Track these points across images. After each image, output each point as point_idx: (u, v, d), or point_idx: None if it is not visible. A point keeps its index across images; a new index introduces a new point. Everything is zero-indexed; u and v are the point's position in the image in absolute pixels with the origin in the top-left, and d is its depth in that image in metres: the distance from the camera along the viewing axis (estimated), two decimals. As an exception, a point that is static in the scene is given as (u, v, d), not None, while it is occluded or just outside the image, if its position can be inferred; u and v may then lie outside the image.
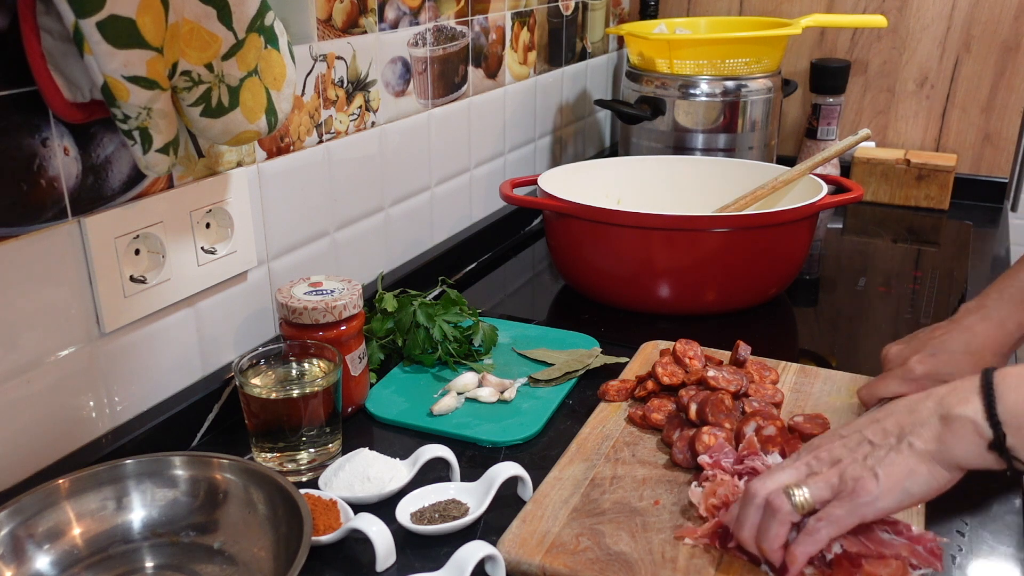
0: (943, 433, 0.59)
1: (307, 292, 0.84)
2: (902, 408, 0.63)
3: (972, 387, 0.60)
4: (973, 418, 0.59)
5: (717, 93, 1.43)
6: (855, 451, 0.62)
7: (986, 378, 0.59)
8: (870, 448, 0.61)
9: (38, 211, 0.67)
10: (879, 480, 0.59)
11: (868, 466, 0.60)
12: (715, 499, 0.69)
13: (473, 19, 1.23)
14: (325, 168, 0.98)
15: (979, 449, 0.59)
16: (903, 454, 0.60)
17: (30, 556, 0.62)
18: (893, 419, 0.62)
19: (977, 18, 1.55)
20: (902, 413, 0.62)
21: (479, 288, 1.24)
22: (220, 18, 0.67)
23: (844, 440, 0.63)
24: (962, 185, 1.59)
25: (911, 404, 0.63)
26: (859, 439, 0.62)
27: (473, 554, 0.63)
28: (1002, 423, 0.58)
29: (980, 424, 0.58)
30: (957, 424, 0.59)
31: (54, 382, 0.71)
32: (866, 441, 0.62)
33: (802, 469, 0.63)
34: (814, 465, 0.63)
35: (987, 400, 0.58)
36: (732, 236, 1.05)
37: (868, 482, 0.59)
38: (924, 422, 0.60)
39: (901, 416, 0.62)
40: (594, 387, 0.91)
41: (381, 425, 0.87)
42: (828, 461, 0.62)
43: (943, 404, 0.60)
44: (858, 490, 0.59)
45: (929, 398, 0.62)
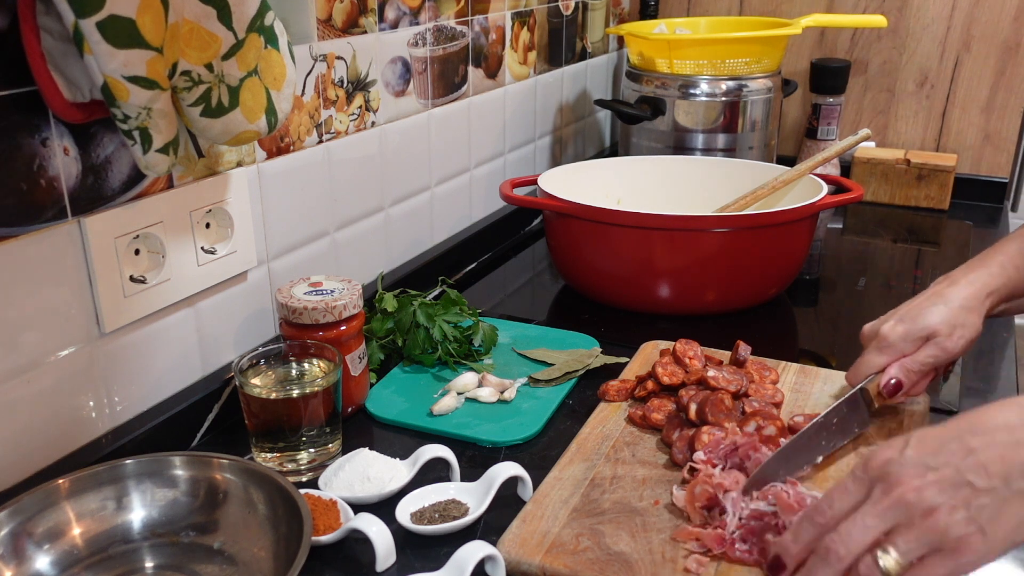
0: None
1: (307, 292, 0.84)
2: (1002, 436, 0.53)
3: None
4: None
5: (717, 93, 1.43)
6: (953, 497, 0.52)
7: None
8: (971, 493, 0.52)
9: (38, 211, 0.67)
10: (986, 536, 0.52)
11: (972, 520, 0.52)
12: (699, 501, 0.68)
13: (473, 19, 1.23)
14: (325, 168, 0.98)
15: None
16: (1012, 504, 0.51)
17: (30, 556, 0.62)
18: (995, 452, 0.53)
19: (977, 18, 1.55)
20: (1006, 445, 0.53)
21: (479, 288, 1.24)
22: (220, 18, 0.67)
23: (937, 477, 0.53)
24: (962, 185, 1.59)
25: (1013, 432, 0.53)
26: (956, 479, 0.53)
27: (473, 554, 0.63)
28: None
29: None
30: None
31: (54, 382, 0.71)
32: (966, 483, 0.52)
33: (887, 518, 0.54)
34: (902, 515, 0.53)
35: None
36: (732, 236, 1.05)
37: (974, 540, 0.52)
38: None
39: (1006, 450, 0.53)
40: (594, 387, 0.91)
41: (381, 425, 0.87)
42: (921, 509, 0.53)
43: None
44: (962, 549, 0.52)
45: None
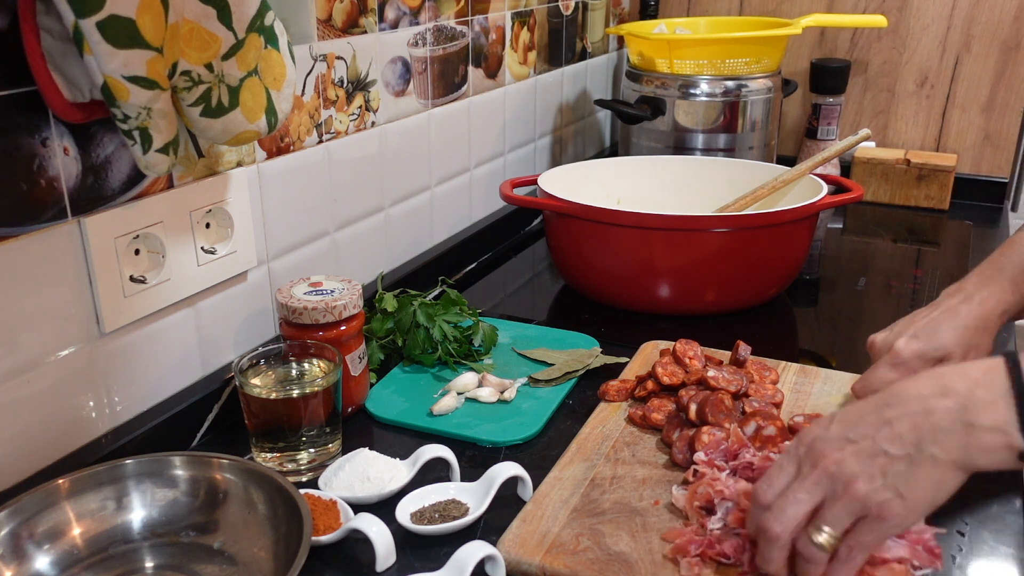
0: (968, 442, 0.54)
1: (307, 292, 0.84)
2: (914, 406, 0.56)
3: (999, 387, 0.54)
4: (1003, 428, 0.53)
5: (717, 93, 1.43)
6: (870, 466, 0.56)
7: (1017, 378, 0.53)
8: (887, 461, 0.55)
9: (38, 211, 0.67)
10: (904, 500, 0.55)
11: (890, 486, 0.55)
12: (699, 500, 0.69)
13: (473, 19, 1.23)
14: (325, 168, 0.98)
15: (1008, 457, 0.53)
16: (926, 467, 0.55)
17: (30, 556, 0.62)
18: (908, 421, 0.56)
19: (977, 18, 1.55)
20: (917, 414, 0.56)
21: (479, 288, 1.24)
22: (220, 18, 0.67)
23: (855, 449, 0.57)
24: (962, 185, 1.59)
25: (924, 401, 0.56)
26: (872, 449, 0.56)
27: (473, 554, 0.63)
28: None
29: (1011, 434, 0.53)
30: (983, 434, 0.53)
31: (54, 382, 0.71)
32: (881, 452, 0.56)
33: (815, 491, 0.57)
34: (827, 485, 0.57)
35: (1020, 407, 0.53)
36: (732, 236, 1.05)
37: (893, 505, 0.55)
38: (946, 429, 0.55)
39: (917, 418, 0.56)
40: (594, 387, 0.91)
41: (381, 425, 0.87)
42: (842, 480, 0.56)
43: (966, 408, 0.54)
44: (884, 515, 0.55)
45: (946, 396, 0.55)
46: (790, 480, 0.59)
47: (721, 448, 0.74)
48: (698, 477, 0.71)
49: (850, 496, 0.56)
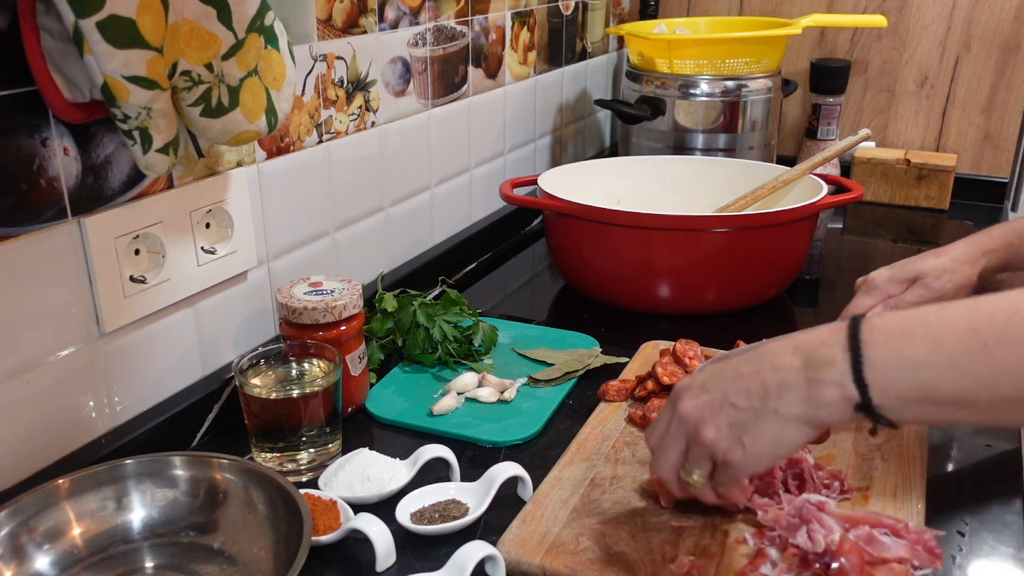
0: (809, 396, 0.57)
1: (307, 292, 0.84)
2: (767, 363, 0.59)
3: (839, 343, 0.56)
4: (840, 381, 0.55)
5: (717, 93, 1.43)
6: (718, 416, 0.60)
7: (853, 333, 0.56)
8: (733, 412, 0.59)
9: (38, 211, 0.67)
10: (745, 450, 0.59)
11: (734, 436, 0.59)
12: None
13: (473, 19, 1.23)
14: (325, 168, 0.98)
15: (846, 410, 0.56)
16: (768, 421, 0.58)
17: (30, 556, 0.62)
18: (758, 378, 0.59)
19: (977, 18, 1.55)
20: (767, 370, 0.59)
21: (479, 288, 1.24)
22: (220, 18, 0.67)
23: (708, 399, 0.61)
24: (962, 185, 1.59)
25: (775, 358, 0.59)
26: (722, 400, 0.60)
27: (473, 554, 0.63)
28: (869, 385, 0.55)
29: (846, 387, 0.55)
30: (823, 388, 0.56)
31: (54, 382, 0.71)
32: (728, 404, 0.60)
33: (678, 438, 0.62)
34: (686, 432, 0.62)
35: (854, 360, 0.55)
36: (732, 236, 1.05)
37: (736, 453, 0.59)
38: (790, 384, 0.57)
39: (766, 374, 0.59)
40: (594, 387, 0.91)
41: (381, 425, 0.87)
42: (693, 427, 0.61)
43: (809, 365, 0.57)
44: (728, 460, 0.60)
45: (796, 353, 0.58)
46: (666, 425, 0.64)
47: None
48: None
49: (700, 442, 0.61)
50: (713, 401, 0.61)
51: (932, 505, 0.71)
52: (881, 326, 0.56)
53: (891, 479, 0.73)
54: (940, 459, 0.80)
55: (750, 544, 0.66)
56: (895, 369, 0.54)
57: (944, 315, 0.54)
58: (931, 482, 0.74)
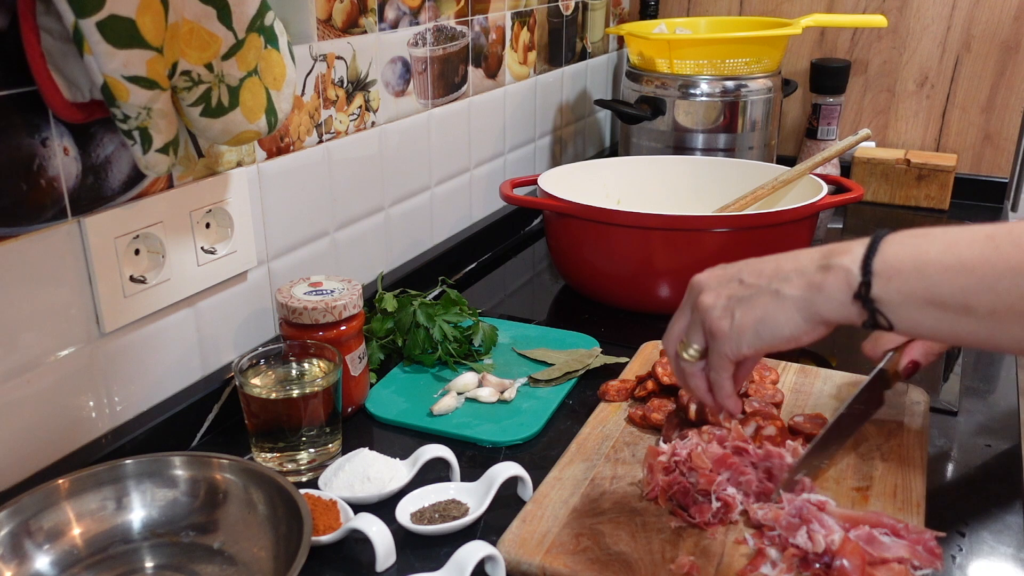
0: (812, 281, 0.57)
1: (307, 292, 0.84)
2: (791, 254, 0.61)
3: (861, 241, 0.57)
4: (848, 266, 0.56)
5: (717, 93, 1.43)
6: (721, 289, 0.61)
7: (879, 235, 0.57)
8: (738, 287, 0.60)
9: (38, 211, 0.67)
10: (733, 322, 0.59)
11: (727, 307, 0.60)
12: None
13: (473, 19, 1.23)
14: (325, 168, 0.98)
15: (844, 297, 0.56)
16: (764, 298, 0.59)
17: (30, 556, 0.62)
18: (774, 263, 0.60)
19: (977, 18, 1.55)
20: (787, 259, 0.60)
21: (479, 288, 1.23)
22: (220, 18, 0.67)
23: (719, 273, 0.62)
24: (962, 185, 1.59)
25: (800, 252, 0.60)
26: (732, 275, 0.61)
27: (473, 554, 0.63)
28: (873, 272, 0.55)
29: (852, 272, 0.56)
30: (831, 272, 0.57)
31: (54, 382, 0.71)
32: (736, 280, 0.61)
33: (686, 313, 0.64)
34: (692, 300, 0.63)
35: (868, 250, 0.56)
36: (732, 236, 1.05)
37: (722, 323, 0.59)
38: (801, 270, 0.58)
39: (783, 261, 0.60)
40: (594, 387, 0.91)
41: (381, 425, 0.87)
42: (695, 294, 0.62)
43: (827, 255, 0.58)
44: (714, 331, 0.60)
45: (819, 251, 0.59)
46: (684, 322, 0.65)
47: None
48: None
49: (696, 308, 0.61)
50: (725, 275, 0.62)
51: (932, 505, 0.71)
52: (901, 233, 0.56)
53: (891, 479, 0.73)
54: (940, 459, 0.80)
55: (750, 544, 0.66)
56: (904, 263, 0.54)
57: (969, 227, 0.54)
58: (931, 482, 0.74)
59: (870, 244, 0.56)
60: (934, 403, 0.87)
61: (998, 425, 0.85)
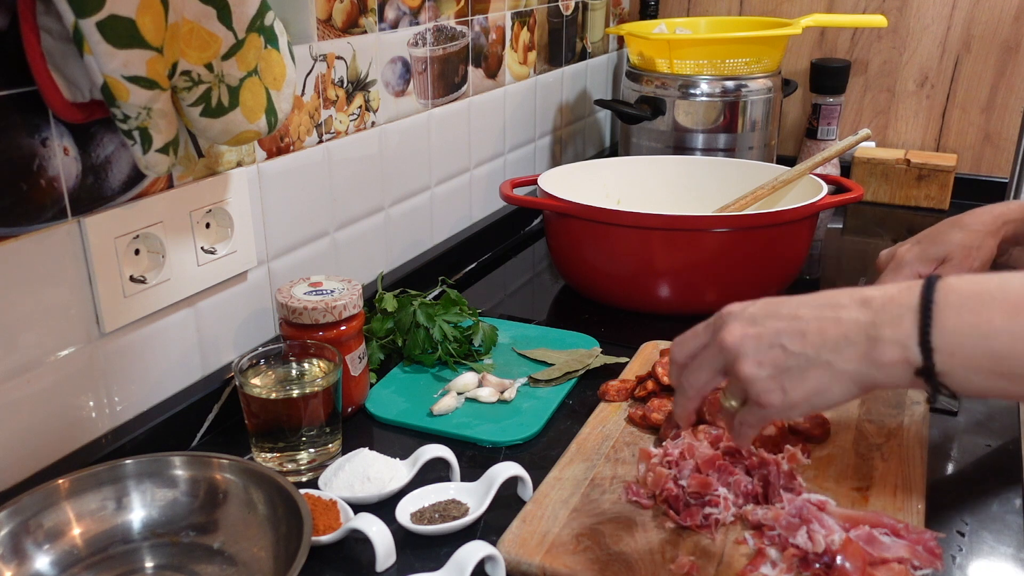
0: (868, 354, 0.53)
1: (307, 292, 0.84)
2: (829, 312, 0.55)
3: (909, 303, 0.52)
4: (903, 342, 0.52)
5: (717, 93, 1.43)
6: (764, 353, 0.56)
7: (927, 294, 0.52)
8: (781, 354, 0.55)
9: (38, 211, 0.67)
10: (785, 395, 0.55)
11: (775, 378, 0.55)
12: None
13: (473, 19, 1.23)
14: (325, 168, 0.98)
15: (905, 374, 0.53)
16: (817, 371, 0.55)
17: (30, 556, 0.62)
18: (816, 325, 0.55)
19: (977, 18, 1.55)
20: (828, 320, 0.55)
21: (479, 288, 1.23)
22: (220, 18, 0.67)
23: (756, 332, 0.57)
24: (962, 185, 1.59)
25: (840, 309, 0.55)
26: (772, 339, 0.56)
27: (473, 554, 0.63)
28: (934, 349, 0.51)
29: (909, 349, 0.52)
30: (884, 347, 0.53)
31: (54, 382, 0.71)
32: (778, 345, 0.56)
33: (713, 362, 0.59)
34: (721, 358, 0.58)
35: (922, 322, 0.51)
36: (732, 236, 1.05)
37: (774, 397, 0.56)
38: (850, 339, 0.54)
39: (827, 324, 0.55)
40: (594, 387, 0.91)
41: (381, 425, 0.87)
42: (732, 356, 0.57)
43: (875, 324, 0.53)
44: (762, 402, 0.56)
45: (860, 307, 0.54)
46: (700, 346, 0.61)
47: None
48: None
49: (736, 374, 0.57)
50: (761, 336, 0.56)
51: (932, 505, 0.71)
52: (957, 287, 0.52)
53: (891, 479, 0.73)
54: (940, 459, 0.80)
55: (750, 544, 0.66)
56: (965, 335, 0.51)
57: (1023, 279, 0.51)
58: (931, 482, 0.74)
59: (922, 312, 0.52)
60: (934, 403, 0.87)
61: (998, 425, 0.85)
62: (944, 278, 0.53)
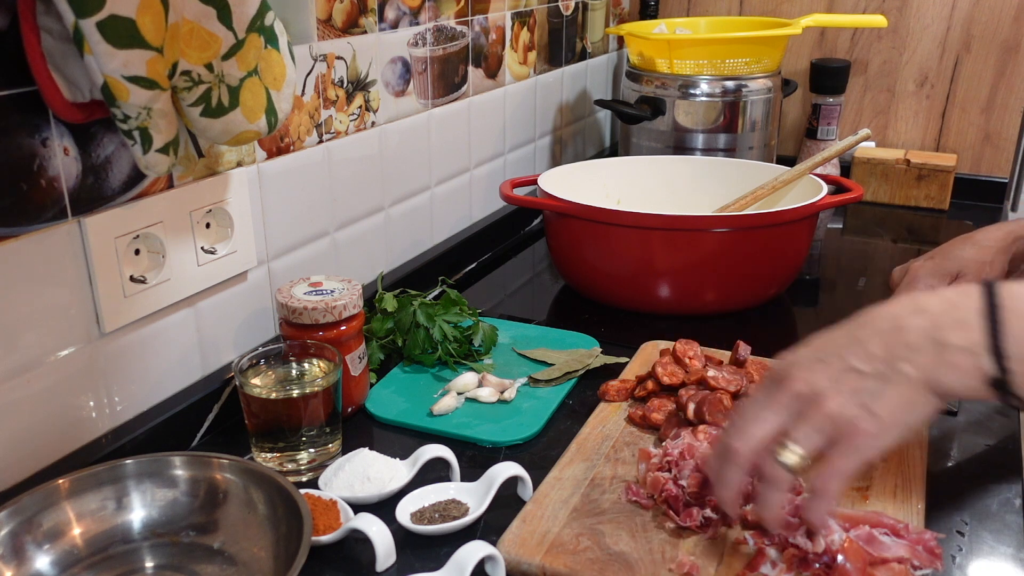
0: (938, 361, 0.51)
1: (307, 292, 0.84)
2: (886, 324, 0.54)
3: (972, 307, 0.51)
4: (972, 349, 0.50)
5: (717, 93, 1.43)
6: (840, 383, 0.53)
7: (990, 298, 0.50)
8: (858, 378, 0.53)
9: (38, 211, 0.67)
10: (876, 417, 0.52)
11: (861, 403, 0.52)
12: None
13: (473, 19, 1.23)
14: (325, 168, 0.98)
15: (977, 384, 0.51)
16: (898, 385, 0.52)
17: (30, 556, 0.62)
18: (878, 340, 0.53)
19: (977, 18, 1.55)
20: (888, 332, 0.53)
21: (479, 288, 1.23)
22: (220, 18, 0.67)
23: (825, 368, 0.54)
24: (962, 185, 1.59)
25: (895, 320, 0.54)
26: (842, 366, 0.54)
27: (473, 554, 0.63)
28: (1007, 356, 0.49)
29: (980, 357, 0.50)
30: (955, 355, 0.51)
31: (54, 382, 0.71)
32: (851, 370, 0.53)
33: (781, 412, 0.55)
34: (793, 404, 0.54)
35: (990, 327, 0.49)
36: (732, 236, 1.05)
37: (865, 422, 0.52)
38: (916, 347, 0.52)
39: (887, 336, 0.53)
40: (594, 387, 0.91)
41: (381, 425, 0.87)
42: (811, 398, 0.53)
43: (937, 326, 0.51)
44: (856, 433, 0.52)
45: (919, 314, 0.53)
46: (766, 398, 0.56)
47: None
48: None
49: (820, 414, 0.53)
50: (832, 369, 0.54)
51: (932, 505, 0.71)
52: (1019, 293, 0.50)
53: (891, 479, 0.73)
54: (940, 459, 0.80)
55: (750, 544, 0.66)
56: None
57: None
58: (931, 482, 0.74)
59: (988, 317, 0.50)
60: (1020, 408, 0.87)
61: (997, 425, 0.85)
62: (1003, 283, 0.51)
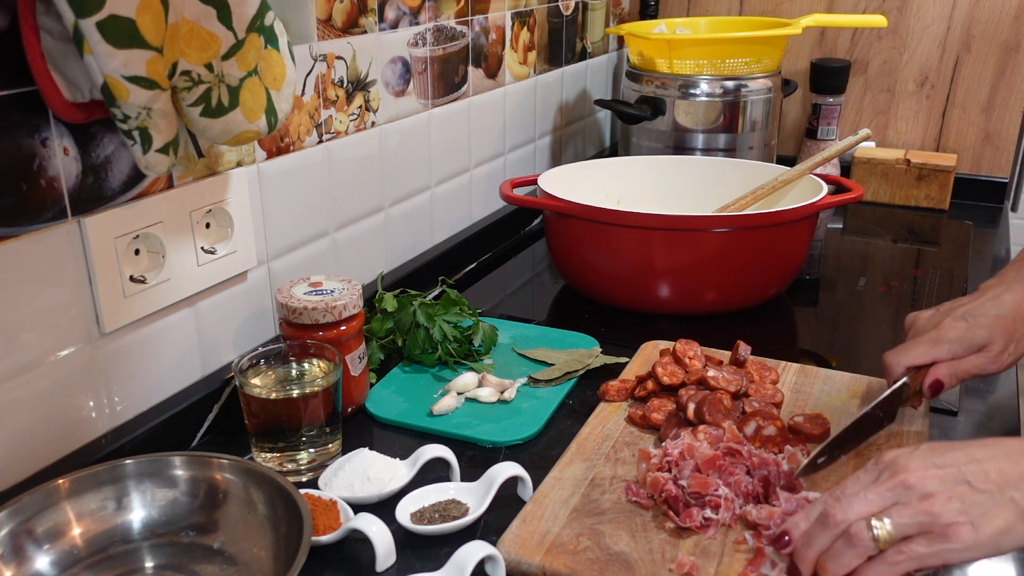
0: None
1: (307, 292, 0.84)
2: (1003, 452, 0.58)
3: None
4: None
5: (717, 93, 1.43)
6: (952, 490, 0.57)
7: None
8: (968, 490, 0.57)
9: (38, 211, 0.67)
10: (976, 530, 0.56)
11: (966, 511, 0.56)
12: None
13: (473, 19, 1.23)
14: (325, 168, 0.98)
15: None
16: (1004, 508, 0.56)
17: (30, 556, 0.62)
18: (995, 464, 0.58)
19: (977, 18, 1.55)
20: (1006, 460, 0.58)
21: (479, 288, 1.24)
22: (220, 18, 0.67)
23: (940, 472, 0.58)
24: (962, 185, 1.59)
25: (1012, 450, 0.58)
26: (957, 476, 0.57)
27: (473, 554, 0.63)
28: None
29: None
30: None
31: (54, 382, 0.71)
32: (965, 482, 0.57)
33: (887, 497, 0.58)
34: (902, 495, 0.58)
35: None
36: (732, 236, 1.05)
37: (963, 530, 0.56)
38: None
39: (1005, 463, 0.58)
40: (594, 387, 0.91)
41: (381, 425, 0.87)
42: (920, 493, 0.57)
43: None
44: (951, 535, 0.56)
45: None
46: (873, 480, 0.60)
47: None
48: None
49: (923, 508, 0.57)
50: (947, 475, 0.58)
51: (932, 505, 0.71)
52: None
53: (891, 479, 0.73)
54: (940, 459, 0.80)
55: (750, 544, 0.66)
56: None
57: None
58: (931, 482, 0.74)
59: None
60: (934, 403, 0.87)
61: (998, 425, 0.85)
62: None
